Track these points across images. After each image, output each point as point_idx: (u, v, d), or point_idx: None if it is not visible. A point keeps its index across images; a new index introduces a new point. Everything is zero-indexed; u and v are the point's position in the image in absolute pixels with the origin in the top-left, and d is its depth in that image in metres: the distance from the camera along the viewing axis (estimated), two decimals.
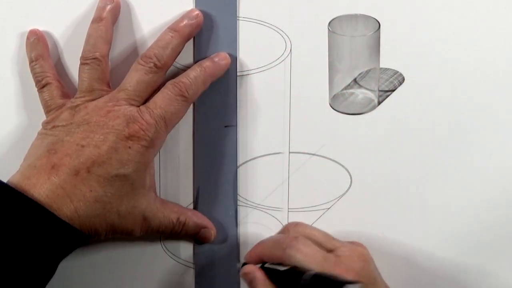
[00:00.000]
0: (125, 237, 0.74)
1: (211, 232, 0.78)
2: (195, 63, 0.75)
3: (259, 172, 0.78)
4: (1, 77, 0.77)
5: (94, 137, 0.70)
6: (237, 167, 0.78)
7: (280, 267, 0.71)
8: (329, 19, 0.76)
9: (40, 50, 0.75)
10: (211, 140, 0.78)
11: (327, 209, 0.79)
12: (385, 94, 0.77)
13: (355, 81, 0.77)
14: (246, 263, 0.74)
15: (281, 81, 0.77)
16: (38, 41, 0.75)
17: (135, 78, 0.73)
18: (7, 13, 0.76)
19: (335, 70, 0.77)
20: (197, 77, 0.74)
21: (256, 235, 0.79)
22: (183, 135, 0.78)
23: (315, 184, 0.79)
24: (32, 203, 0.67)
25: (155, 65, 0.73)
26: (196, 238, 0.78)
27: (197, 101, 0.76)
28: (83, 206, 0.69)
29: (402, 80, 0.77)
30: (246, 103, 0.77)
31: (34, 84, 0.75)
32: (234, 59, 0.76)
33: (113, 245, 0.80)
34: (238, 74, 0.76)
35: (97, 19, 0.74)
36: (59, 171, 0.69)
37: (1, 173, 0.70)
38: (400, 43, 0.76)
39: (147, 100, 0.73)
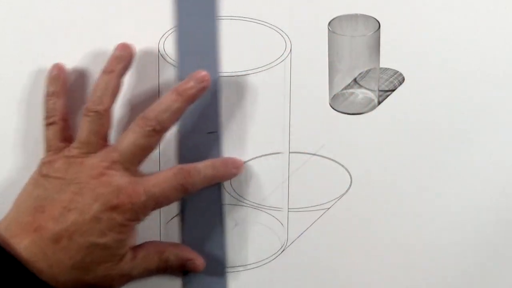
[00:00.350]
0: None
1: (196, 263, 0.76)
2: (209, 159, 0.74)
3: (259, 172, 0.78)
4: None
5: (81, 201, 0.70)
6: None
7: None
8: (329, 19, 0.76)
9: (57, 86, 0.75)
10: (194, 147, 0.77)
11: (327, 209, 0.79)
12: (385, 94, 0.77)
13: (355, 81, 0.77)
14: None
15: (281, 81, 0.77)
16: (58, 76, 0.75)
17: (131, 139, 0.71)
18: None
19: (335, 70, 0.77)
20: (206, 175, 0.73)
21: (256, 235, 0.79)
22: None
23: (315, 184, 0.79)
24: (15, 263, 0.68)
25: (154, 129, 0.71)
26: (183, 270, 0.77)
27: None
28: (62, 272, 0.69)
29: (402, 80, 0.77)
30: (246, 104, 0.77)
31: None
32: (215, 61, 0.75)
33: None
34: (238, 74, 0.76)
35: (108, 70, 0.73)
36: (42, 235, 0.69)
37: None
38: (400, 43, 0.76)
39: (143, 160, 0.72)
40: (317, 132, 0.78)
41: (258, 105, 0.77)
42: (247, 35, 0.76)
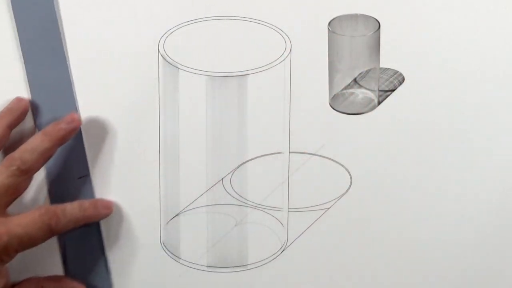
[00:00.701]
0: None
1: None
2: (78, 200, 0.74)
3: (259, 172, 0.78)
4: None
5: None
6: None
7: None
8: (329, 19, 0.76)
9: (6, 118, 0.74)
10: (66, 193, 0.77)
11: (327, 209, 0.79)
12: (385, 94, 0.77)
13: (355, 81, 0.77)
14: None
15: (281, 81, 0.77)
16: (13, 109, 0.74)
17: None
18: None
19: (335, 70, 0.77)
20: (73, 214, 0.72)
21: (256, 235, 0.79)
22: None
23: (315, 184, 0.79)
24: None
25: (19, 168, 0.70)
26: None
27: None
28: None
29: (402, 80, 0.77)
30: (246, 104, 0.77)
31: None
32: (73, 105, 0.75)
33: (113, 245, 0.80)
34: (238, 74, 0.76)
35: None
36: None
37: None
38: (400, 43, 0.76)
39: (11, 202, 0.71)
40: (317, 132, 0.78)
41: (258, 105, 0.77)
42: (247, 35, 0.76)
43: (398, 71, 0.77)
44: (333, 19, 0.76)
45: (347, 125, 0.78)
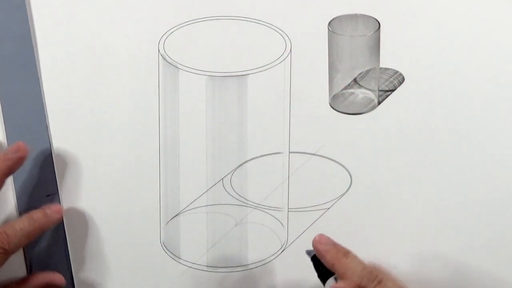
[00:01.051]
0: None
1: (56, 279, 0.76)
2: (28, 213, 0.74)
3: (259, 172, 0.78)
4: None
5: None
6: (66, 235, 0.78)
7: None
8: (329, 19, 0.76)
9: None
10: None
11: (327, 209, 0.79)
12: (385, 94, 0.77)
13: (355, 81, 0.77)
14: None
15: (281, 81, 0.77)
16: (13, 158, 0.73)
17: None
18: None
19: (335, 70, 0.77)
20: (23, 229, 0.71)
21: (256, 235, 0.79)
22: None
23: (315, 184, 0.79)
24: None
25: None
26: None
27: (15, 173, 0.75)
28: None
29: (402, 80, 0.77)
30: (246, 104, 0.77)
31: None
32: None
33: (113, 245, 0.80)
34: (238, 74, 0.76)
35: None
36: None
37: None
38: (400, 43, 0.76)
39: None
40: (317, 132, 0.78)
41: (258, 105, 0.77)
42: (247, 35, 0.76)
43: (398, 71, 0.77)
44: (333, 19, 0.76)
45: (347, 125, 0.78)
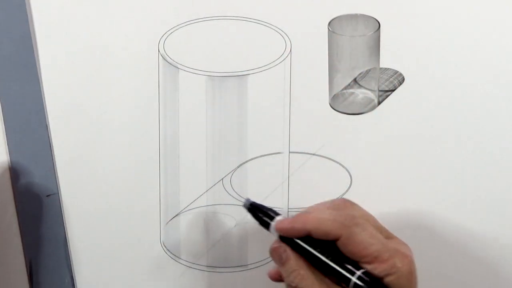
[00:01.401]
0: None
1: None
2: None
3: (259, 172, 0.78)
4: None
5: None
6: (66, 235, 0.78)
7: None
8: (329, 19, 0.76)
9: None
10: (34, 211, 0.78)
11: None
12: (385, 94, 0.77)
13: (355, 81, 0.77)
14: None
15: (281, 81, 0.77)
16: None
17: None
18: None
19: (335, 70, 0.77)
20: None
21: (256, 235, 0.79)
22: None
23: (315, 184, 0.79)
24: None
25: None
26: None
27: (14, 172, 0.76)
28: None
29: (402, 80, 0.77)
30: (246, 104, 0.77)
31: None
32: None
33: (113, 245, 0.80)
34: (238, 74, 0.76)
35: None
36: None
37: None
38: (400, 43, 0.76)
39: None
40: (317, 132, 0.78)
41: (258, 105, 0.77)
42: (247, 35, 0.76)
43: (398, 71, 0.77)
44: (333, 19, 0.76)
45: (347, 125, 0.78)
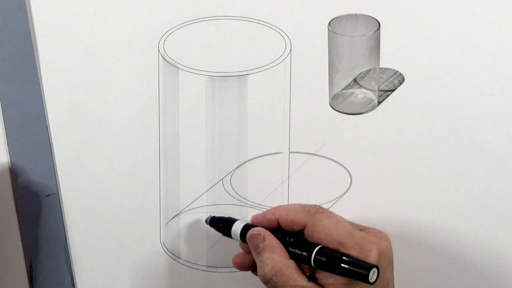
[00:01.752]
0: None
1: None
2: None
3: (259, 172, 0.78)
4: None
5: None
6: (66, 235, 0.79)
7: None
8: (329, 19, 0.76)
9: None
10: (34, 210, 0.78)
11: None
12: (385, 94, 0.77)
13: (355, 81, 0.77)
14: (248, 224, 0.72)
15: (281, 81, 0.77)
16: None
17: None
18: None
19: (335, 70, 0.77)
20: None
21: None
22: None
23: (315, 184, 0.79)
24: None
25: None
26: None
27: (14, 172, 0.76)
28: None
29: (402, 80, 0.77)
30: (246, 104, 0.77)
31: None
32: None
33: (113, 245, 0.80)
34: (238, 74, 0.76)
35: None
36: None
37: None
38: (400, 43, 0.76)
39: None
40: (317, 132, 0.78)
41: (258, 105, 0.77)
42: (247, 35, 0.76)
43: (398, 71, 0.77)
44: (333, 19, 0.76)
45: (347, 125, 0.78)
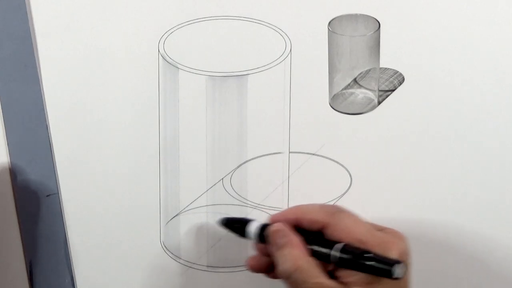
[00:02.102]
0: None
1: None
2: None
3: (259, 172, 0.78)
4: None
5: None
6: (66, 235, 0.79)
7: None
8: (329, 19, 0.76)
9: None
10: (34, 210, 0.78)
11: None
12: (385, 94, 0.77)
13: (355, 81, 0.77)
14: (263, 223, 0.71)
15: (281, 81, 0.77)
16: None
17: None
18: None
19: (335, 70, 0.77)
20: None
21: None
22: None
23: (315, 184, 0.79)
24: None
25: None
26: None
27: (14, 172, 0.76)
28: None
29: (402, 80, 0.77)
30: (246, 104, 0.77)
31: None
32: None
33: (113, 245, 0.80)
34: (238, 74, 0.76)
35: None
36: None
37: None
38: (400, 43, 0.76)
39: None
40: (317, 132, 0.78)
41: (258, 105, 0.77)
42: (247, 35, 0.76)
43: (398, 71, 0.77)
44: (333, 19, 0.76)
45: (347, 125, 0.78)
